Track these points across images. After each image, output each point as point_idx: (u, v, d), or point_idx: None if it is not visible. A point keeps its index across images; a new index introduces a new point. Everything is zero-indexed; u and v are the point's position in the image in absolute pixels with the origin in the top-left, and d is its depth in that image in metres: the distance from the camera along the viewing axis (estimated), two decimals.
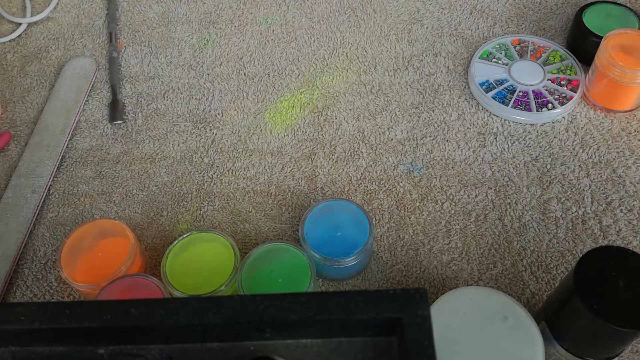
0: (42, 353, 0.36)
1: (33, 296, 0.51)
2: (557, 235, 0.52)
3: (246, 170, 0.57)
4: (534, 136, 0.58)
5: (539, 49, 0.64)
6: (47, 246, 0.54)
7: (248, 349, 0.36)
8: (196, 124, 0.61)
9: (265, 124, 0.60)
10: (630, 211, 0.53)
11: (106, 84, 0.65)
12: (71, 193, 0.57)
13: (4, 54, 0.68)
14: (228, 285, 0.46)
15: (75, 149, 0.60)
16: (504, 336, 0.42)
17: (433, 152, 0.57)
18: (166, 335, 0.36)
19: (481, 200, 0.54)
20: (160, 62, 0.66)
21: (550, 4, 0.69)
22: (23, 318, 0.34)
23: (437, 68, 0.64)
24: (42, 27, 0.71)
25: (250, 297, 0.34)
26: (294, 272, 0.46)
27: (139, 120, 0.62)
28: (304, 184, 0.56)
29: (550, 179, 0.55)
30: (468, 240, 0.52)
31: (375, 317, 0.33)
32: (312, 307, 0.34)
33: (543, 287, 0.49)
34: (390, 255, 0.51)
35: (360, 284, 0.50)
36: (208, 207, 0.55)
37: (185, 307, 0.34)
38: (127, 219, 0.55)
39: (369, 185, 0.55)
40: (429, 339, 0.32)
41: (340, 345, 0.36)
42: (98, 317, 0.34)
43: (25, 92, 0.65)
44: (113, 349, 0.36)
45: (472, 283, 0.50)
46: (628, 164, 0.56)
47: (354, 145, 0.58)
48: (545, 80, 0.61)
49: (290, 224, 0.54)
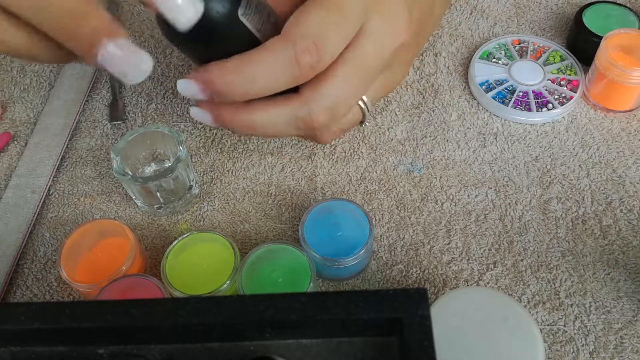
0: (42, 353, 0.36)
1: (33, 296, 0.51)
2: (557, 235, 0.52)
3: (246, 170, 0.57)
4: (534, 136, 0.58)
5: (539, 49, 0.64)
6: (47, 246, 0.54)
7: (248, 349, 0.36)
8: (196, 124, 0.61)
9: None
10: (630, 211, 0.53)
11: (106, 84, 0.65)
12: (71, 193, 0.57)
13: (4, 53, 0.68)
14: (228, 285, 0.46)
15: (75, 149, 0.60)
16: (504, 336, 0.42)
17: (433, 152, 0.57)
18: (166, 335, 0.36)
19: (481, 200, 0.54)
20: (160, 62, 0.66)
21: (550, 4, 0.69)
22: (23, 318, 0.34)
23: (437, 68, 0.64)
24: None
25: (250, 297, 0.34)
26: (294, 272, 0.47)
27: (139, 120, 0.62)
28: (304, 184, 0.56)
29: (550, 179, 0.55)
30: (468, 240, 0.52)
31: (375, 317, 0.34)
32: (312, 307, 0.34)
33: (543, 287, 0.49)
34: (390, 255, 0.51)
35: (360, 284, 0.50)
36: (208, 207, 0.55)
37: (185, 307, 0.34)
38: (127, 219, 0.55)
39: (369, 185, 0.56)
40: (429, 339, 0.32)
41: (340, 345, 0.36)
42: (98, 317, 0.34)
43: (25, 92, 0.65)
44: (113, 349, 0.36)
45: (472, 283, 0.50)
46: (628, 164, 0.56)
47: (353, 145, 0.58)
48: (545, 80, 0.61)
49: (290, 224, 0.54)
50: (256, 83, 0.42)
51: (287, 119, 0.44)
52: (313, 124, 0.44)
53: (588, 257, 0.50)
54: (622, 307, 0.48)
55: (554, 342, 0.46)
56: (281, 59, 0.41)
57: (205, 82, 0.42)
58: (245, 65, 0.41)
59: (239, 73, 0.41)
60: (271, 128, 0.45)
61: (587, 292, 0.49)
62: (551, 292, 0.49)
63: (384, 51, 0.44)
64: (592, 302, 0.48)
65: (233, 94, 0.42)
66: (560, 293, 0.49)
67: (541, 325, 0.47)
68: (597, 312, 0.48)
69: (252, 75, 0.41)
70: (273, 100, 0.44)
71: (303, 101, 0.43)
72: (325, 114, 0.44)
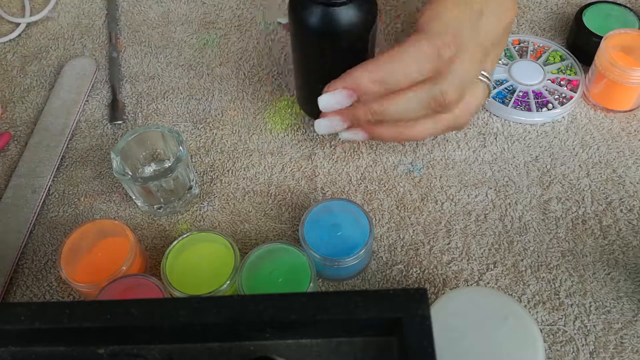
0: (42, 353, 0.36)
1: (33, 296, 0.51)
2: (557, 235, 0.52)
3: (246, 170, 0.57)
4: (534, 136, 0.58)
5: (539, 49, 0.64)
6: (47, 246, 0.54)
7: (248, 349, 0.36)
8: (196, 124, 0.61)
9: (265, 124, 0.60)
10: (630, 211, 0.53)
11: (106, 84, 0.65)
12: (71, 193, 0.57)
13: (4, 54, 0.68)
14: (228, 285, 0.46)
15: (75, 149, 0.60)
16: (504, 336, 0.42)
17: (433, 152, 0.57)
18: (166, 335, 0.36)
19: (481, 200, 0.54)
20: (160, 62, 0.66)
21: (550, 4, 0.69)
22: (23, 318, 0.34)
23: None
24: (42, 27, 0.71)
25: (250, 297, 0.34)
26: (294, 272, 0.47)
27: (139, 120, 0.62)
28: (304, 184, 0.56)
29: (550, 179, 0.55)
30: (468, 240, 0.52)
31: (375, 317, 0.34)
32: (312, 307, 0.34)
33: (543, 287, 0.49)
34: (390, 255, 0.51)
35: (360, 284, 0.50)
36: (208, 207, 0.55)
37: (185, 307, 0.34)
38: (127, 219, 0.55)
39: (369, 185, 0.56)
40: (429, 339, 0.32)
41: (340, 345, 0.36)
42: (98, 317, 0.34)
43: (25, 92, 0.65)
44: (113, 349, 0.36)
45: (472, 283, 0.50)
46: (628, 164, 0.56)
47: (354, 145, 0.58)
48: (545, 80, 0.61)
49: (290, 224, 0.54)
50: (399, 75, 0.46)
51: (421, 100, 0.47)
52: (445, 101, 0.47)
53: (588, 257, 0.50)
54: (622, 307, 0.48)
55: (554, 342, 0.46)
56: (425, 53, 0.46)
57: (353, 87, 0.47)
58: (391, 61, 0.46)
59: (386, 69, 0.46)
60: (404, 112, 0.48)
61: (587, 292, 0.49)
62: (551, 292, 0.49)
63: (498, 29, 0.50)
64: (592, 302, 0.48)
65: (379, 90, 0.47)
66: (560, 293, 0.49)
67: (541, 325, 0.47)
68: (597, 312, 0.48)
69: (398, 69, 0.46)
70: (407, 88, 0.47)
71: (434, 82, 0.47)
72: (454, 90, 0.47)
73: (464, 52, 0.47)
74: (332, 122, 0.49)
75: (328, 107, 0.48)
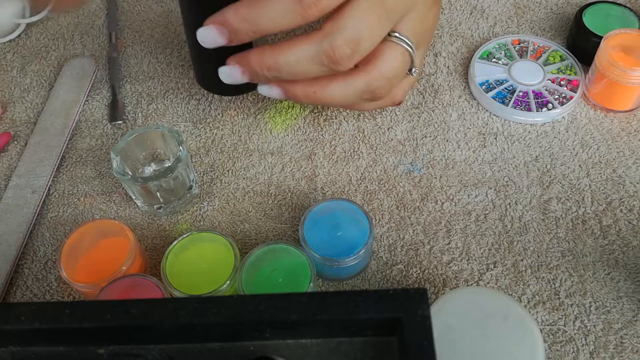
0: (42, 353, 0.36)
1: (33, 296, 0.51)
2: (557, 235, 0.52)
3: (246, 170, 0.57)
4: (534, 136, 0.58)
5: (539, 49, 0.64)
6: (47, 246, 0.54)
7: (248, 349, 0.36)
8: (196, 124, 0.61)
9: (265, 123, 0.60)
10: (630, 211, 0.53)
11: (106, 84, 0.65)
12: (71, 193, 0.57)
13: (4, 54, 0.68)
14: (228, 285, 0.46)
15: (75, 149, 0.60)
16: (504, 336, 0.42)
17: (433, 152, 0.57)
18: (166, 335, 0.36)
19: (481, 200, 0.54)
20: (160, 62, 0.66)
21: (550, 4, 0.69)
22: (23, 318, 0.34)
23: (437, 68, 0.64)
24: (42, 27, 0.71)
25: (250, 297, 0.34)
26: (294, 272, 0.46)
27: (139, 120, 0.62)
28: (304, 184, 0.56)
29: (550, 179, 0.55)
30: (468, 240, 0.52)
31: (375, 317, 0.34)
32: (312, 307, 0.34)
33: (543, 287, 0.49)
34: (390, 255, 0.51)
35: (360, 284, 0.50)
36: (208, 207, 0.55)
37: (185, 307, 0.34)
38: (127, 219, 0.55)
39: (369, 185, 0.56)
40: (429, 339, 0.32)
41: (340, 345, 0.36)
42: (98, 317, 0.34)
43: (25, 92, 0.65)
44: (113, 349, 0.36)
45: (472, 283, 0.50)
46: (628, 164, 0.56)
47: (354, 145, 0.58)
48: (545, 80, 0.61)
49: (290, 224, 0.54)
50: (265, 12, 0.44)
51: (311, 54, 0.45)
52: (335, 56, 0.44)
53: (588, 257, 0.50)
54: (622, 307, 0.48)
55: (554, 342, 0.46)
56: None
57: (221, 22, 0.45)
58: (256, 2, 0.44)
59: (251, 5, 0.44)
60: (296, 66, 0.46)
61: (587, 292, 0.49)
62: (551, 292, 0.49)
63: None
64: (592, 302, 0.48)
65: (247, 30, 0.44)
66: (560, 293, 0.49)
67: (541, 325, 0.47)
68: (597, 312, 0.48)
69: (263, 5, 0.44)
70: (297, 38, 0.46)
71: (324, 35, 0.44)
72: (347, 45, 0.44)
73: (353, 3, 0.43)
74: (232, 70, 0.48)
75: (203, 43, 0.46)
